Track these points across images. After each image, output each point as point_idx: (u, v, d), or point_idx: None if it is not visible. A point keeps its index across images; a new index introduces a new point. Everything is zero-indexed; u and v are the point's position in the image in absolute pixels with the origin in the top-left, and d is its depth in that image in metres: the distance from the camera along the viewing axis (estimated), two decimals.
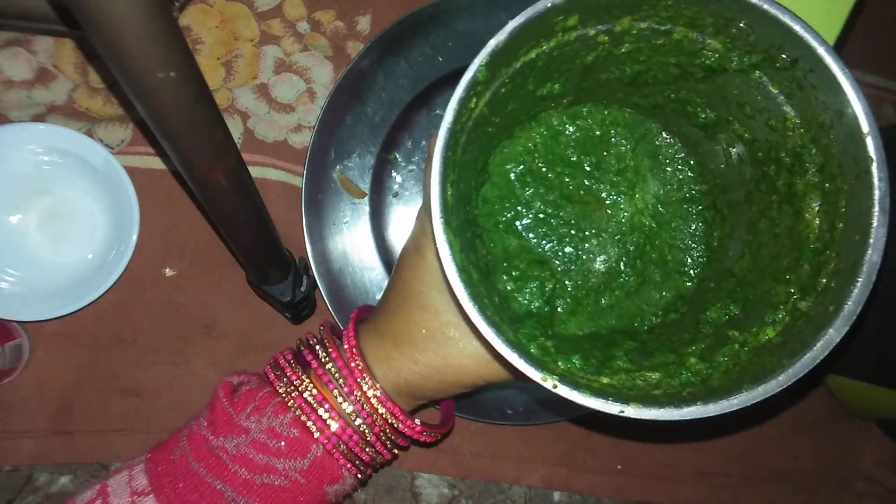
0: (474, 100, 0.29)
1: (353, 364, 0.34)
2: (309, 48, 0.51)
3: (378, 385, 0.34)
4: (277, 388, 0.35)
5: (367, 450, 0.35)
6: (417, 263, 0.34)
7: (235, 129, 0.50)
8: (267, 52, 0.51)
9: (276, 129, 0.51)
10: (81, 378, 0.47)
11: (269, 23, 0.51)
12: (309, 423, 0.33)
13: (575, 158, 0.38)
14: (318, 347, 0.36)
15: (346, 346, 0.35)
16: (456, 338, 0.33)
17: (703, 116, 0.35)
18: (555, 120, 0.38)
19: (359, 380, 0.34)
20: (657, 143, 0.38)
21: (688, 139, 0.38)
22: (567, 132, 0.38)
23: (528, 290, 0.36)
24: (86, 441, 0.47)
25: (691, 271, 0.38)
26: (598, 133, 0.38)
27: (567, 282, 0.38)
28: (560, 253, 0.38)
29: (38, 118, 0.48)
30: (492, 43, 0.28)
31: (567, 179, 0.38)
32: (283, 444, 0.33)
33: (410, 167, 0.51)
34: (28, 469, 0.46)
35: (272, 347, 0.49)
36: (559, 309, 0.37)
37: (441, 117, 0.28)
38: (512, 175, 0.38)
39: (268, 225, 0.38)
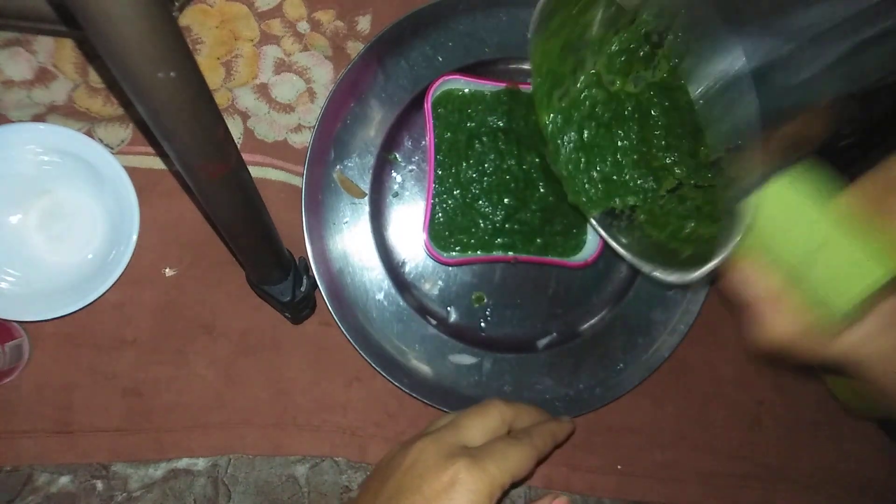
0: None
1: None
2: (309, 48, 0.51)
3: None
4: None
5: None
6: None
7: (235, 129, 0.50)
8: (267, 52, 0.51)
9: (276, 129, 0.51)
10: (81, 378, 0.47)
11: (269, 23, 0.51)
12: None
13: None
14: None
15: None
16: None
17: None
18: None
19: None
20: None
21: None
22: None
23: None
24: (86, 441, 0.47)
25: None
26: None
27: None
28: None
29: (38, 118, 0.48)
30: None
31: None
32: None
33: (410, 167, 0.51)
34: (28, 469, 0.46)
35: (272, 347, 0.49)
36: None
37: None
38: None
39: (268, 225, 0.38)
